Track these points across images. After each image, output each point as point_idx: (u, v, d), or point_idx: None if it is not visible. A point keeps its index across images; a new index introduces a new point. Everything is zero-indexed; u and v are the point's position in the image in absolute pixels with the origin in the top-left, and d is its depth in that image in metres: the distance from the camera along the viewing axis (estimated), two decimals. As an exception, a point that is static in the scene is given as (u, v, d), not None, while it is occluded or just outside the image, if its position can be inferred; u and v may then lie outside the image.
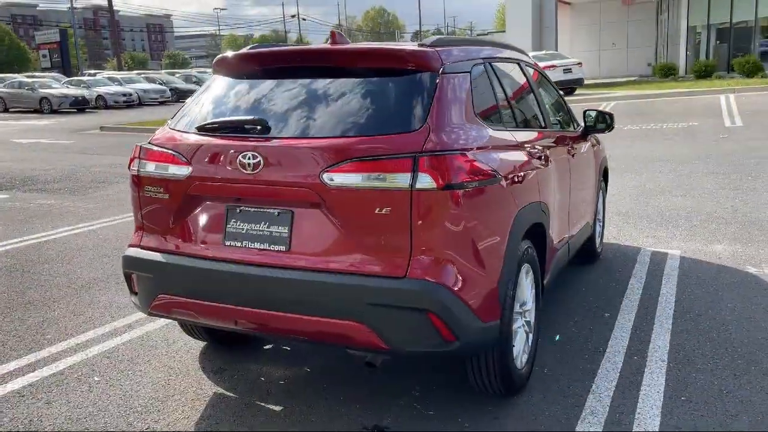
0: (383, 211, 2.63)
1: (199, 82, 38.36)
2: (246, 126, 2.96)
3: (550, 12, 27.71)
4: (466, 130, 2.88)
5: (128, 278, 3.29)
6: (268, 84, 3.14)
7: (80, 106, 29.26)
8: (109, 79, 34.89)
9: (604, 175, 5.80)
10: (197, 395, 3.39)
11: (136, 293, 3.29)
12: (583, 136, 4.91)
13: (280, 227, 2.84)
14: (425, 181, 2.59)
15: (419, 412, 3.15)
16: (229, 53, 3.35)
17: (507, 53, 3.95)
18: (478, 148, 2.87)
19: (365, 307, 2.66)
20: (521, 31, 26.91)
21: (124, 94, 31.53)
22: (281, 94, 3.07)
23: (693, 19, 26.19)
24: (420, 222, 2.61)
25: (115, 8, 49.20)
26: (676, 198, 7.76)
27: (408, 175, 2.60)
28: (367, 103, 2.87)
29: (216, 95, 3.27)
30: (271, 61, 3.21)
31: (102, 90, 31.42)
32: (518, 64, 4.08)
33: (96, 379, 3.61)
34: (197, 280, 3.00)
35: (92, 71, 51.61)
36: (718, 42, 26.20)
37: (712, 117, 15.11)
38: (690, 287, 4.80)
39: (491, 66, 3.51)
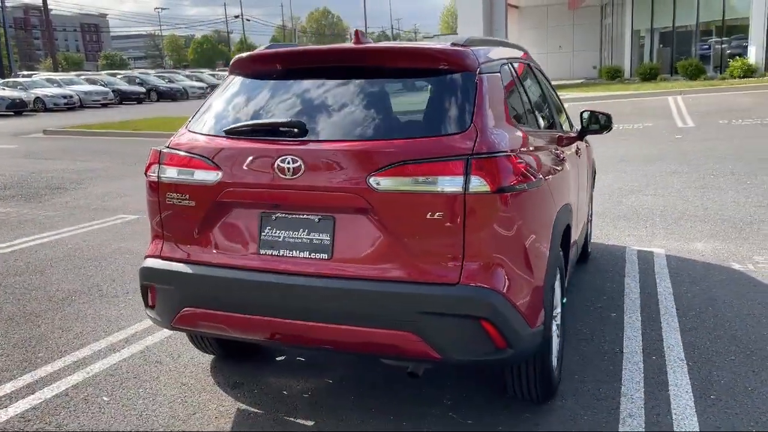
0: (434, 216, 2.55)
1: (143, 84, 37.28)
2: (281, 129, 2.82)
3: (500, 15, 28.11)
4: (506, 131, 2.83)
5: (146, 291, 3.09)
6: (297, 85, 3.02)
7: (17, 109, 27.99)
8: (48, 80, 33.49)
9: (593, 175, 5.88)
10: (220, 412, 3.23)
11: (152, 307, 3.10)
12: (580, 136, 4.94)
13: (321, 234, 2.72)
14: (478, 183, 2.52)
15: (457, 422, 3.08)
16: (251, 53, 3.20)
17: (519, 54, 3.93)
18: (520, 150, 2.82)
19: (417, 316, 2.56)
20: (473, 32, 27.18)
21: (65, 96, 30.31)
22: (313, 96, 2.95)
23: (637, 24, 27.07)
24: (472, 226, 2.54)
25: (48, 7, 47.27)
26: (647, 197, 7.95)
27: (460, 178, 2.52)
28: (408, 105, 2.78)
29: (239, 97, 3.12)
30: (299, 61, 3.08)
31: (40, 92, 30.10)
32: (528, 65, 4.07)
33: (105, 399, 3.39)
34: (229, 291, 2.84)
35: (27, 72, 49.44)
36: (661, 45, 27.16)
37: (663, 118, 15.62)
38: (684, 285, 4.89)
39: (513, 67, 3.48)
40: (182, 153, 2.97)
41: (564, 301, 3.51)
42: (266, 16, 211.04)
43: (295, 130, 2.78)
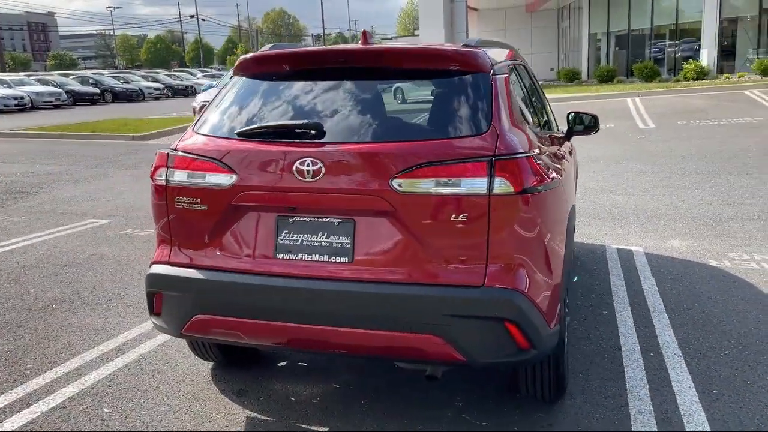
0: (459, 218, 2.54)
1: (98, 84, 36.31)
2: (297, 130, 2.77)
3: (460, 17, 28.35)
4: (522, 132, 2.84)
5: (152, 298, 3.00)
6: (308, 86, 2.97)
7: (-35, 110, 26.92)
8: (-4, 80, 32.31)
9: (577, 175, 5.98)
10: (229, 421, 3.15)
11: (158, 314, 3.02)
12: (567, 137, 5.01)
13: (341, 237, 2.68)
14: (502, 185, 2.52)
15: (471, 424, 3.08)
16: (258, 54, 3.13)
17: (515, 54, 3.96)
18: (533, 151, 2.84)
19: (442, 318, 2.55)
20: (435, 34, 27.36)
21: (15, 98, 29.23)
22: (326, 98, 2.90)
23: (594, 27, 27.67)
24: (496, 227, 2.55)
25: (-3, 4, 45.57)
26: (619, 196, 8.11)
27: (484, 180, 2.52)
28: (425, 106, 2.77)
29: (247, 99, 3.05)
30: (308, 63, 3.03)
31: (-11, 93, 29.01)
32: (524, 65, 4.10)
33: (106, 410, 3.28)
34: (244, 296, 2.78)
35: (-28, 72, 47.56)
36: (617, 48, 27.83)
37: (625, 119, 15.98)
38: (668, 282, 5.00)
39: (516, 68, 3.50)
40: (192, 156, 2.89)
41: (567, 300, 3.55)
42: (221, 15, 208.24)
43: (313, 132, 2.73)
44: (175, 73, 50.39)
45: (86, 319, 4.56)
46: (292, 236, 2.74)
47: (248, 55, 3.15)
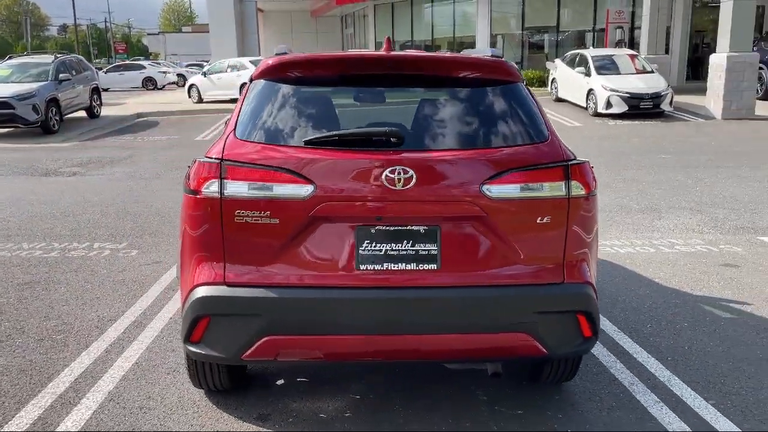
0: (544, 220, 2.71)
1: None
2: (376, 138, 2.70)
3: (251, 17, 27.98)
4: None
5: (195, 324, 2.70)
6: (357, 92, 2.90)
7: None
8: None
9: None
10: (278, 448, 2.94)
11: (197, 342, 2.73)
12: None
13: (427, 245, 2.68)
14: (577, 188, 2.76)
15: (508, 414, 3.25)
16: (290, 59, 2.96)
17: None
18: None
19: (532, 316, 2.71)
20: (226, 33, 26.65)
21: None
22: (382, 104, 2.87)
23: (380, 36, 29.19)
24: (572, 227, 2.77)
25: None
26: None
27: (563, 184, 2.73)
28: (486, 114, 2.87)
29: (293, 105, 2.89)
30: (354, 68, 2.95)
31: None
32: None
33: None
34: (325, 313, 2.65)
35: None
36: (402, 56, 29.64)
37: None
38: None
39: None
40: (253, 165, 2.66)
41: None
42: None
43: (393, 139, 2.69)
44: None
45: (15, 361, 3.82)
46: (374, 246, 2.68)
47: (284, 60, 2.95)
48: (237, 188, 2.66)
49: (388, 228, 2.69)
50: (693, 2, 21.39)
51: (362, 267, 2.68)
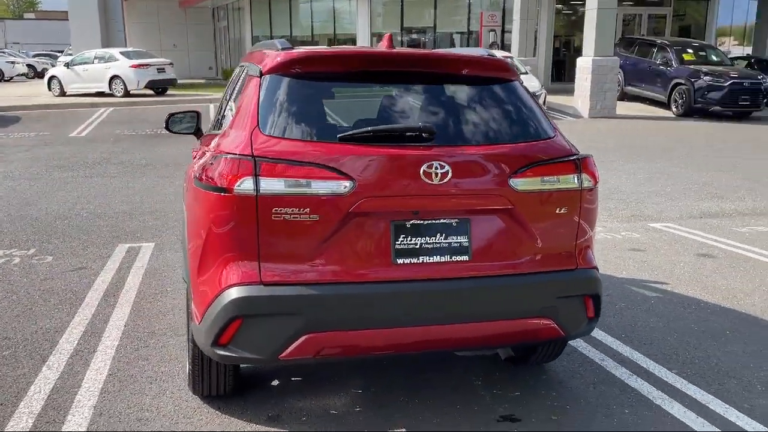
0: (560, 210, 2.91)
1: None
2: (408, 134, 2.75)
3: (115, 6, 26.41)
4: None
5: (228, 326, 2.62)
6: (378, 89, 2.93)
7: None
8: None
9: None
10: (305, 447, 2.91)
11: (225, 344, 2.65)
12: None
13: (459, 237, 2.78)
14: (587, 180, 2.98)
15: (506, 397, 3.43)
16: (305, 53, 2.92)
17: None
18: None
19: (554, 301, 2.89)
20: (88, 22, 24.91)
21: None
22: (402, 100, 2.93)
23: (257, 30, 28.53)
24: (582, 216, 2.99)
25: None
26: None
27: (575, 176, 2.94)
28: (500, 110, 3.00)
29: (319, 100, 2.90)
30: (371, 64, 2.98)
31: None
32: None
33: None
34: (366, 307, 2.68)
35: None
36: (281, 52, 29.01)
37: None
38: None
39: None
40: (291, 162, 2.61)
41: None
42: None
43: (424, 135, 2.76)
44: None
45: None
46: (410, 240, 2.73)
47: (301, 55, 2.91)
48: (274, 185, 2.60)
49: (422, 222, 2.76)
50: (555, 9, 23.03)
51: (399, 261, 2.73)
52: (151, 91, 21.50)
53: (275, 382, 3.55)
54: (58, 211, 7.34)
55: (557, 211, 2.92)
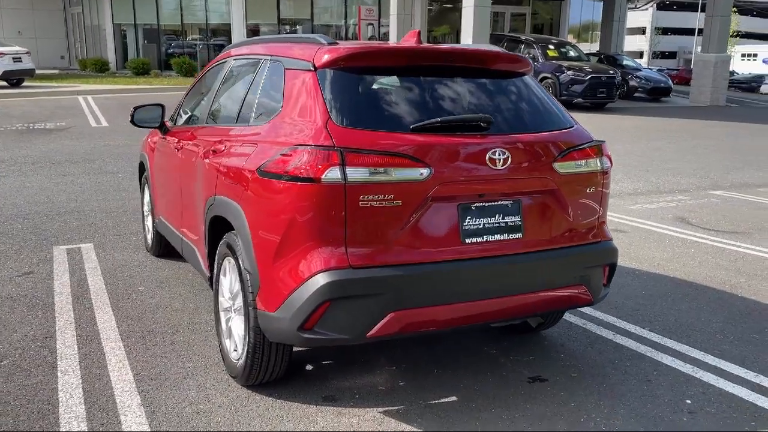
0: (590, 190, 3.30)
1: None
2: (470, 123, 3.00)
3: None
4: None
5: (316, 310, 2.73)
6: (433, 83, 3.15)
7: None
8: None
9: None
10: (377, 421, 3.06)
11: (310, 329, 2.78)
12: None
13: (513, 217, 3.07)
14: (606, 163, 3.40)
15: (521, 362, 3.78)
16: (363, 48, 3.09)
17: None
18: None
19: (587, 270, 3.28)
20: None
21: None
22: (450, 92, 3.17)
23: (118, 18, 26.85)
24: (604, 195, 3.41)
25: None
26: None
27: (599, 159, 3.35)
28: (530, 102, 3.34)
29: (383, 93, 3.10)
30: (422, 59, 3.23)
31: None
32: None
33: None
34: (442, 285, 2.92)
35: None
36: (146, 42, 27.58)
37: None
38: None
39: None
40: (374, 152, 2.77)
41: None
42: None
43: (482, 124, 3.02)
44: None
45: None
46: (475, 221, 2.98)
47: (358, 49, 3.09)
48: (360, 174, 2.74)
49: (485, 204, 3.02)
50: (428, 6, 23.98)
51: (467, 240, 2.97)
52: (5, 83, 19.66)
53: (309, 367, 3.65)
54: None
55: (587, 191, 3.31)
